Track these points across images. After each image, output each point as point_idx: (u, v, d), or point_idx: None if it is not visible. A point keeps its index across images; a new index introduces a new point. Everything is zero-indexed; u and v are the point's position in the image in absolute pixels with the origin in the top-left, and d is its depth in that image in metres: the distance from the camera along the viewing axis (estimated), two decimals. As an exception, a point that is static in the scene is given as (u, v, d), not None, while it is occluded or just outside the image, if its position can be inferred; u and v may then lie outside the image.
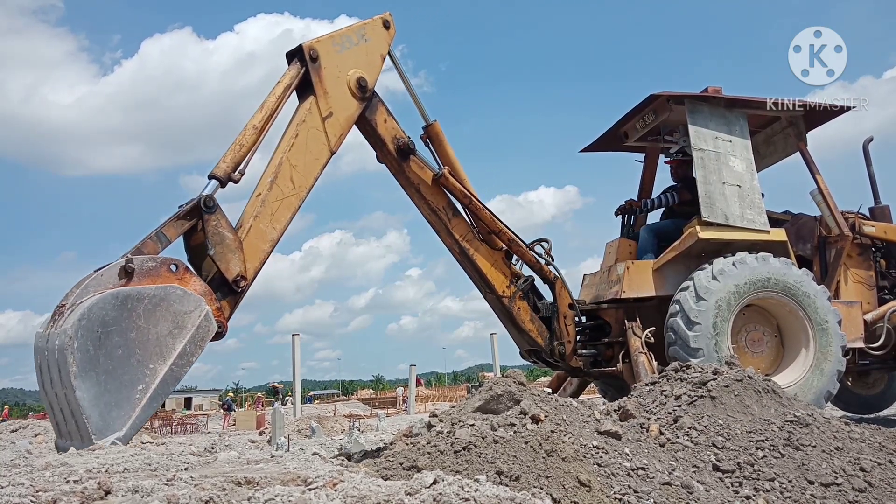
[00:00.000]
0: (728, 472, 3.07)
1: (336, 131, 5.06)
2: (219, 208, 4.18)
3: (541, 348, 6.22)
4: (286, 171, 4.69)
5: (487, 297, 6.12)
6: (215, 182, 4.31)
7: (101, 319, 3.50)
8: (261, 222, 4.50)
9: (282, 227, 4.63)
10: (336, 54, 5.11)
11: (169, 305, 3.77)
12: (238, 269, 4.28)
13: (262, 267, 4.52)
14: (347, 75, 5.14)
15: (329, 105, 5.02)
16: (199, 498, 1.98)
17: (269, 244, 4.55)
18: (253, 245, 4.43)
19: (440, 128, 5.94)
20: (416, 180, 5.65)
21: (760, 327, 6.29)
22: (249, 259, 4.38)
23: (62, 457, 2.93)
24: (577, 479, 2.62)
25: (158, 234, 4.03)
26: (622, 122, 7.34)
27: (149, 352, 3.65)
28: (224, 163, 4.37)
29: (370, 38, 5.37)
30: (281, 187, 4.65)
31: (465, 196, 5.74)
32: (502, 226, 5.91)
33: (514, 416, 3.06)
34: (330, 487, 2.16)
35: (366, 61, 5.30)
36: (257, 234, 4.47)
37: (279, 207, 4.62)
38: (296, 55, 4.98)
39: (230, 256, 4.25)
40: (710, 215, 6.13)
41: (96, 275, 3.70)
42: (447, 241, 5.88)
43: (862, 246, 7.11)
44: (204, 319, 3.89)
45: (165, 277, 3.87)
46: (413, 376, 21.11)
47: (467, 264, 5.94)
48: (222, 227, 4.21)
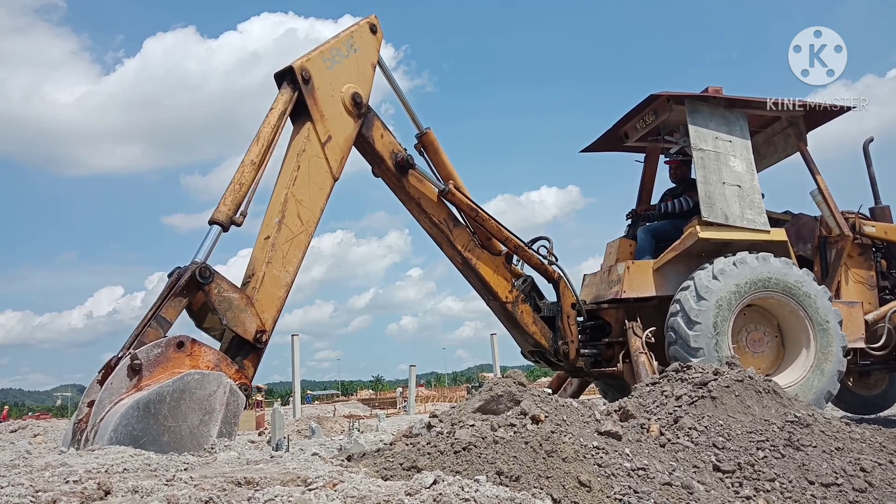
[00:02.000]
0: (728, 472, 3.06)
1: (337, 156, 4.82)
2: (215, 274, 3.91)
3: (545, 349, 6.21)
4: (292, 208, 4.46)
5: (490, 304, 6.08)
6: (217, 228, 4.06)
7: (130, 436, 3.28)
8: (273, 268, 4.27)
9: (294, 269, 4.41)
10: (328, 71, 4.85)
11: (192, 395, 3.52)
12: (255, 325, 4.07)
13: (279, 314, 4.29)
14: (342, 92, 4.90)
15: (327, 129, 4.78)
16: (198, 498, 1.98)
17: (285, 289, 4.33)
18: (269, 294, 4.21)
19: (434, 136, 5.76)
20: (416, 195, 5.48)
21: (761, 327, 6.29)
22: (266, 309, 4.17)
23: (62, 457, 2.92)
24: (578, 479, 2.62)
25: (157, 318, 3.74)
26: (622, 122, 7.33)
27: (186, 447, 3.41)
28: (224, 206, 4.10)
29: (359, 48, 5.12)
30: (289, 226, 4.41)
31: (471, 209, 5.64)
32: (508, 233, 5.86)
33: (514, 417, 3.05)
34: (330, 488, 2.16)
35: (357, 74, 5.06)
36: (272, 282, 4.24)
37: (290, 248, 4.39)
38: (285, 77, 4.70)
39: (243, 317, 4.02)
40: (710, 215, 6.13)
41: (106, 385, 3.46)
42: (449, 253, 5.77)
43: (862, 246, 7.11)
44: (230, 395, 3.66)
45: (175, 360, 3.63)
46: (413, 377, 21.09)
47: (470, 274, 5.86)
48: (225, 291, 3.96)
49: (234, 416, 3.66)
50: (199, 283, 3.81)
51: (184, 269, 3.90)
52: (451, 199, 5.58)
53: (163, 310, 3.77)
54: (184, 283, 3.81)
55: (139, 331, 3.72)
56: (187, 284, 3.82)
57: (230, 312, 3.97)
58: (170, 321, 3.77)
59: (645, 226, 7.27)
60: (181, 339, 3.68)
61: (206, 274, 3.83)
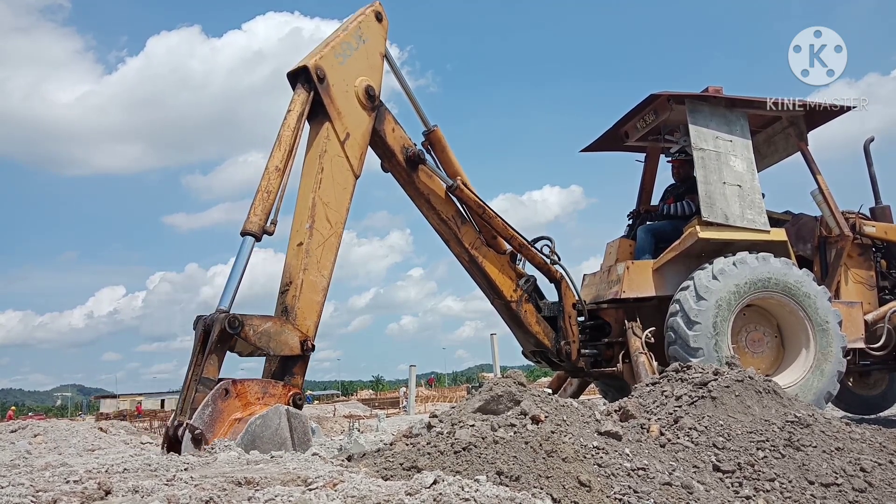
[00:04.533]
0: (728, 472, 3.07)
1: (356, 153, 4.77)
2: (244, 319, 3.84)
3: (547, 349, 6.20)
4: (321, 212, 4.42)
5: (495, 304, 6.07)
6: (251, 239, 4.04)
7: None
8: (310, 274, 4.27)
9: (329, 272, 4.41)
10: (340, 66, 4.76)
11: (262, 439, 3.51)
12: (297, 339, 4.09)
13: (320, 317, 4.31)
14: (355, 87, 4.83)
15: (345, 126, 4.71)
16: (199, 498, 1.98)
17: (322, 293, 4.33)
18: (308, 300, 4.22)
19: (441, 133, 5.70)
20: (425, 190, 5.44)
21: (761, 327, 6.29)
22: (308, 315, 4.19)
23: (62, 457, 2.92)
24: (578, 479, 2.62)
25: (201, 381, 3.72)
26: (622, 121, 7.33)
27: None
28: (255, 216, 4.08)
29: (367, 38, 5.00)
30: (320, 230, 4.39)
31: (478, 206, 5.63)
32: (513, 232, 5.85)
33: (514, 417, 3.05)
34: (330, 488, 2.16)
35: (368, 65, 4.98)
36: (310, 288, 4.25)
37: (323, 252, 4.38)
38: (298, 77, 4.62)
39: (284, 338, 4.03)
40: (711, 215, 6.13)
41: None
42: (456, 250, 5.75)
43: (862, 246, 7.11)
44: (291, 417, 3.68)
45: (228, 408, 3.61)
46: (413, 377, 21.08)
47: (476, 272, 5.84)
48: (259, 327, 3.93)
49: (304, 431, 3.70)
50: (232, 333, 3.79)
51: (209, 319, 3.86)
52: (460, 195, 5.55)
53: (204, 371, 3.75)
54: (216, 339, 3.79)
55: (186, 395, 3.73)
56: (220, 339, 3.80)
57: (272, 342, 3.99)
58: (213, 379, 3.74)
59: (645, 225, 7.27)
60: (224, 386, 3.66)
61: (235, 324, 3.79)
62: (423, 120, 5.68)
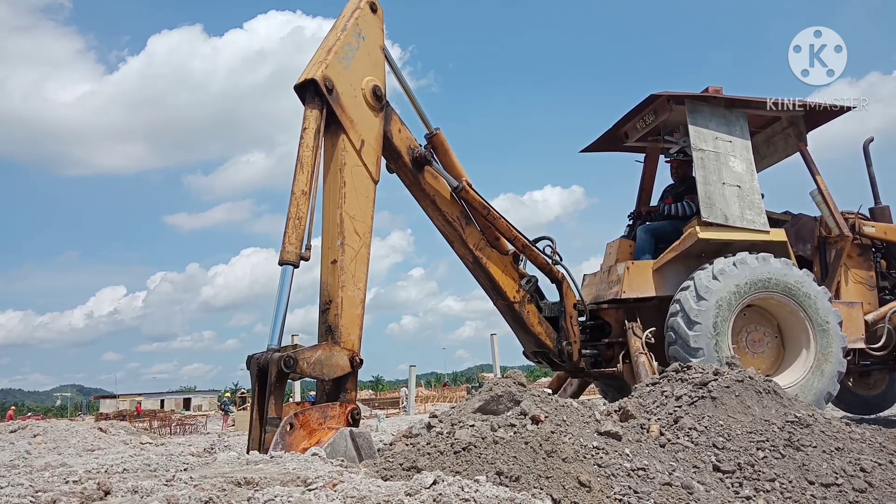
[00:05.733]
0: (728, 472, 3.06)
1: (372, 158, 4.71)
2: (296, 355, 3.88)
3: (549, 349, 6.20)
4: (349, 226, 4.40)
5: (498, 304, 6.06)
6: (289, 268, 4.06)
7: None
8: (348, 290, 4.30)
9: (364, 284, 4.45)
10: (345, 71, 4.62)
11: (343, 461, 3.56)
12: (346, 358, 4.17)
13: (362, 330, 4.36)
14: (362, 89, 4.73)
15: (359, 133, 4.63)
16: (198, 498, 1.97)
17: (361, 305, 4.39)
18: (350, 315, 4.27)
19: (444, 136, 5.60)
20: (431, 192, 5.39)
21: (761, 328, 6.29)
22: (352, 330, 4.25)
23: (61, 457, 2.92)
24: (578, 479, 2.62)
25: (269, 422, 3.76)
26: (622, 122, 7.33)
27: None
28: (290, 244, 4.07)
29: (366, 34, 4.85)
30: (350, 245, 4.39)
31: (483, 207, 5.59)
32: (517, 233, 5.85)
33: (514, 417, 3.05)
34: (329, 488, 2.16)
35: (371, 63, 4.86)
36: (350, 303, 4.29)
37: (356, 266, 4.40)
38: (307, 89, 4.49)
39: (335, 361, 4.11)
40: (710, 216, 6.12)
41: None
42: (460, 252, 5.72)
43: (862, 246, 7.11)
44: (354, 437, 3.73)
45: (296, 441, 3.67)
46: (413, 377, 21.10)
47: (480, 273, 5.82)
48: (311, 358, 4.00)
49: (369, 446, 3.75)
50: (288, 371, 3.84)
51: (262, 359, 3.90)
52: (465, 196, 5.50)
53: (269, 412, 3.79)
54: (274, 380, 3.83)
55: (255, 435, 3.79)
56: (278, 380, 3.85)
57: (325, 368, 4.05)
58: (280, 417, 3.78)
59: (645, 225, 7.27)
60: (288, 422, 3.71)
61: (291, 363, 3.83)
62: (425, 122, 5.56)
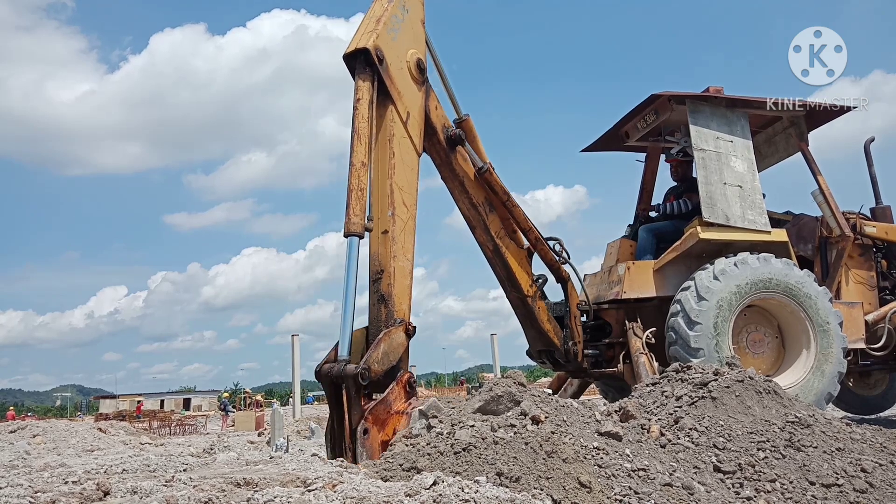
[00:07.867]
0: (729, 472, 3.06)
1: (416, 131, 4.73)
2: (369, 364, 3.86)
3: (556, 348, 6.22)
4: (398, 197, 4.43)
5: (511, 296, 6.07)
6: (355, 239, 4.08)
7: None
8: (399, 260, 4.32)
9: (412, 255, 4.46)
10: (393, 43, 4.60)
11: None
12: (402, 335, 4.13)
13: (412, 299, 4.40)
14: (407, 62, 4.72)
15: (405, 105, 4.64)
16: (197, 499, 1.97)
17: (410, 276, 4.42)
18: (401, 285, 4.29)
19: (472, 122, 5.57)
20: (461, 173, 5.39)
21: (761, 328, 6.29)
22: (403, 300, 4.27)
23: (61, 457, 2.92)
24: (578, 480, 2.61)
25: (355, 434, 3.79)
26: (623, 121, 7.33)
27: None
28: (355, 216, 4.09)
29: (410, 7, 4.83)
30: (400, 216, 4.42)
31: (504, 192, 5.57)
32: (531, 224, 5.85)
33: (514, 417, 3.05)
34: (329, 489, 2.15)
35: (413, 36, 4.83)
36: (401, 273, 4.32)
37: (405, 237, 4.42)
38: (357, 59, 4.46)
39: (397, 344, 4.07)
40: (711, 216, 6.12)
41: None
42: (481, 238, 5.72)
43: (863, 246, 7.10)
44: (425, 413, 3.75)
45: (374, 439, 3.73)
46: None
47: (498, 262, 5.83)
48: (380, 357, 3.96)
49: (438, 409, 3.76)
50: (364, 383, 3.81)
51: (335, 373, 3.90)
52: (489, 178, 5.46)
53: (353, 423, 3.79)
54: (354, 395, 3.82)
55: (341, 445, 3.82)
56: (356, 392, 3.84)
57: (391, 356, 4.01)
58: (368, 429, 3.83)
59: (646, 225, 7.27)
60: (362, 429, 3.73)
61: (366, 375, 3.81)
62: (456, 107, 5.53)
